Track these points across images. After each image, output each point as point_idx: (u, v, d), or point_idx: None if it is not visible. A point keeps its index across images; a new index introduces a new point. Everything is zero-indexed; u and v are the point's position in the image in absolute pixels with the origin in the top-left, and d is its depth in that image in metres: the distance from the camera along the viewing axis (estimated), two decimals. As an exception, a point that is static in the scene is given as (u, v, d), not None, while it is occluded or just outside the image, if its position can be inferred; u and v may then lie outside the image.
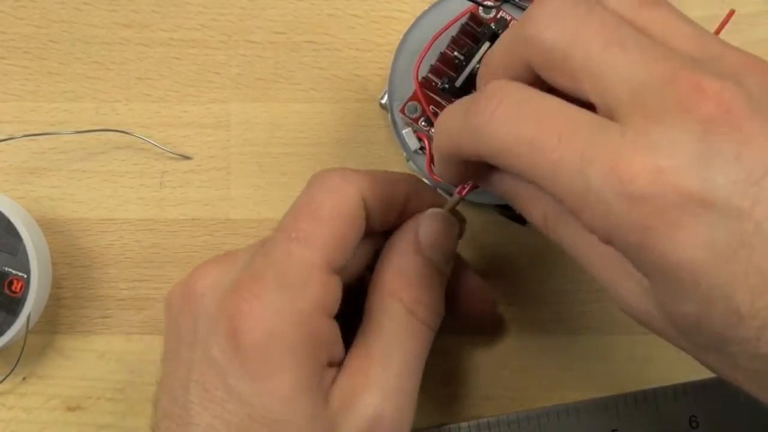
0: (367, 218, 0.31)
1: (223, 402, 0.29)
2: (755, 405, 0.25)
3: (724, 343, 0.24)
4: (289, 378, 0.29)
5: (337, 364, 0.31)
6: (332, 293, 0.30)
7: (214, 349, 0.29)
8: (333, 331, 0.30)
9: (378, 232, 0.33)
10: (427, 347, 0.32)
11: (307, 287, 0.29)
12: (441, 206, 0.34)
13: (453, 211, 0.34)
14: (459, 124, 0.27)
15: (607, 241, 0.24)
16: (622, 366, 0.39)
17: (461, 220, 0.35)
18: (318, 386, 0.30)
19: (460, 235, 0.35)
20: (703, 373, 0.37)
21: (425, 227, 0.33)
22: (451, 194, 0.36)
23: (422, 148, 0.37)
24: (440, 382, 0.39)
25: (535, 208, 0.29)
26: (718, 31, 0.31)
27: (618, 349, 0.39)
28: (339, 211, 0.30)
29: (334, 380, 0.30)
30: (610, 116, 0.24)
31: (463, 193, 0.33)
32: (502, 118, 0.26)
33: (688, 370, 0.37)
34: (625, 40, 0.25)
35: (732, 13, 0.32)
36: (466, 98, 0.28)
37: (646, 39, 0.25)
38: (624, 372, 0.39)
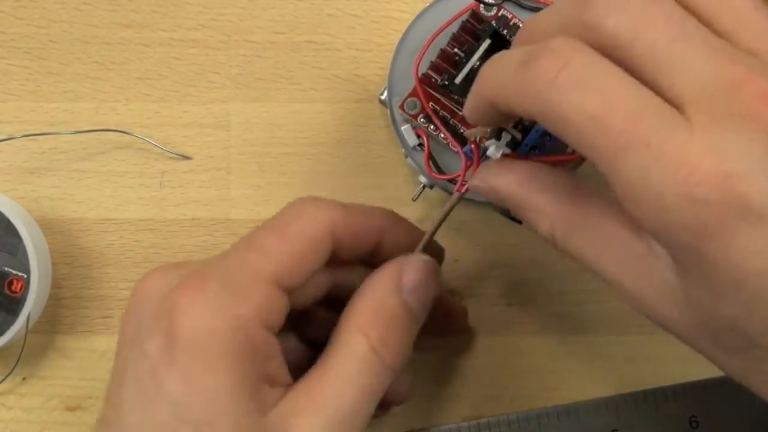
0: (336, 248, 0.31)
1: (153, 399, 0.28)
2: (755, 405, 0.25)
3: (754, 347, 0.24)
4: (218, 379, 0.28)
5: (281, 386, 0.30)
6: (275, 307, 0.29)
7: (149, 343, 0.28)
8: (271, 345, 0.29)
9: (345, 265, 0.32)
10: (383, 389, 0.30)
11: (250, 295, 0.29)
12: (417, 243, 0.33)
13: (431, 242, 0.33)
14: (510, 74, 0.26)
15: (654, 235, 0.24)
16: (622, 366, 0.39)
17: (440, 249, 0.35)
18: (251, 396, 0.28)
19: (439, 262, 0.34)
20: (703, 373, 0.37)
21: (411, 271, 0.31)
22: (450, 193, 0.36)
23: (420, 145, 0.37)
24: (440, 382, 0.39)
25: (541, 221, 0.28)
26: None
27: (618, 349, 0.39)
28: (304, 233, 0.30)
29: (280, 399, 0.29)
30: (676, 107, 0.24)
31: (462, 191, 0.33)
32: (567, 84, 0.24)
33: (688, 370, 0.37)
34: (690, 35, 0.24)
35: None
36: (522, 49, 0.26)
37: (713, 36, 0.24)
38: (624, 372, 0.39)
